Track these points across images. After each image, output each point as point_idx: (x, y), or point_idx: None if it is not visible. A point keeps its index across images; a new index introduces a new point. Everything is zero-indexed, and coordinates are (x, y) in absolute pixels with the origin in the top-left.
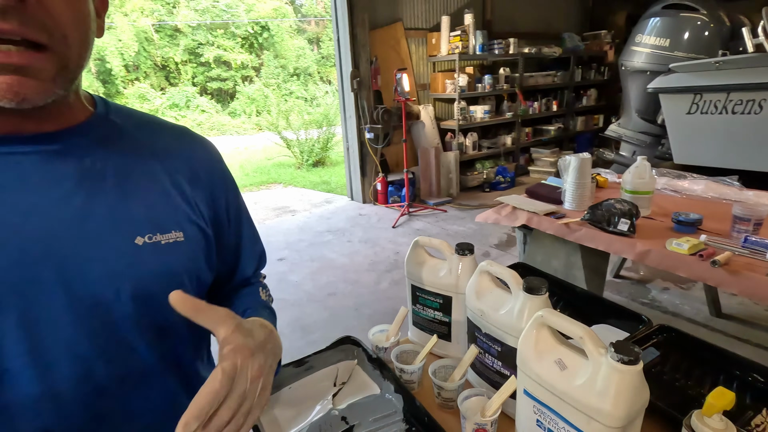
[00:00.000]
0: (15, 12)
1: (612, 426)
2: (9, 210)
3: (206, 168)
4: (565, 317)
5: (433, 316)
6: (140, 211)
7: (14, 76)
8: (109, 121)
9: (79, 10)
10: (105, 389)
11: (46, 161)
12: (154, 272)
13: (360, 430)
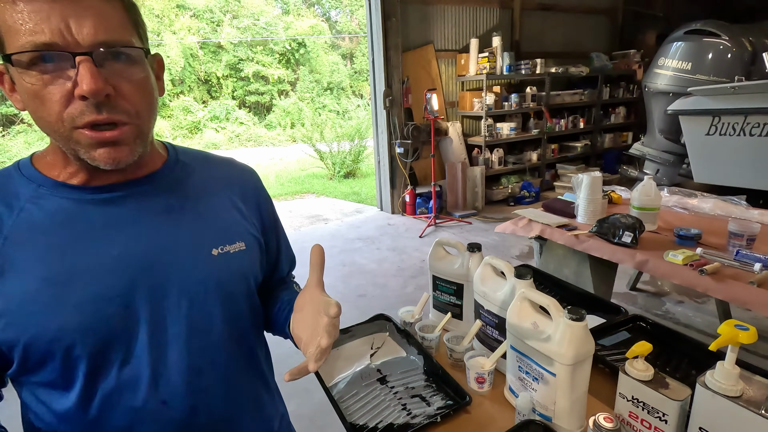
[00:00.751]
0: (105, 105)
1: (564, 363)
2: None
3: (252, 189)
4: (540, 293)
5: (449, 300)
6: (212, 229)
7: (108, 148)
8: (180, 161)
9: (146, 90)
10: (201, 372)
11: (140, 200)
12: (230, 274)
13: (391, 379)
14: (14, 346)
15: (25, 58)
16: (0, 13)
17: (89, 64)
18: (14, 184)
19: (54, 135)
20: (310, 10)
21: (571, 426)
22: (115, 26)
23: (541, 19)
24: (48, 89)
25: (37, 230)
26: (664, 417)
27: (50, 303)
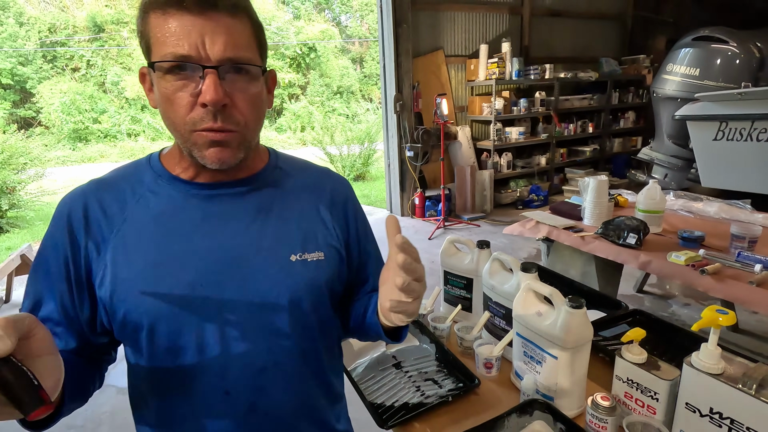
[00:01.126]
0: (221, 114)
1: (565, 347)
2: (218, 233)
3: (341, 200)
4: (543, 284)
5: (459, 293)
6: (294, 235)
7: (217, 148)
8: (278, 167)
9: (257, 104)
10: (264, 371)
11: (236, 199)
12: (302, 282)
13: (405, 364)
14: (116, 313)
15: (165, 66)
16: (152, 27)
17: (214, 77)
18: (142, 173)
19: (176, 133)
20: (321, 15)
21: (571, 405)
22: (242, 44)
23: (550, 24)
24: (177, 94)
25: (150, 216)
26: (656, 396)
27: (150, 283)
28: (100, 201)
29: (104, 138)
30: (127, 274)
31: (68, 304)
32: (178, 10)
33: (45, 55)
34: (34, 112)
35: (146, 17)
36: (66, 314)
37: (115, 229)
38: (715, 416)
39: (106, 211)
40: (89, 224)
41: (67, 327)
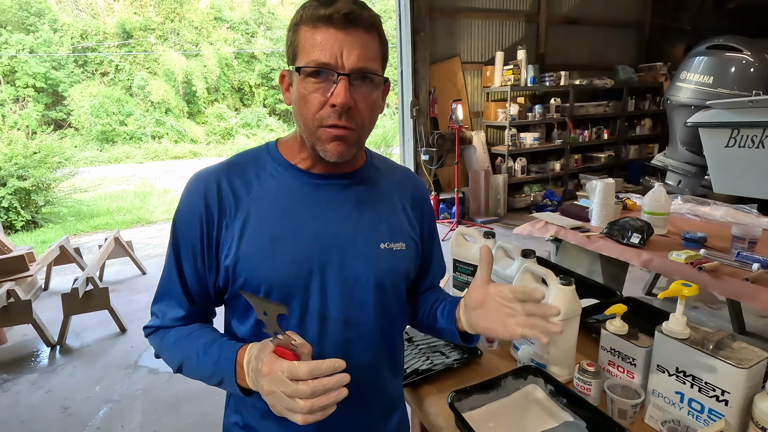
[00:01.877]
0: (345, 114)
1: (557, 320)
2: (323, 218)
3: (420, 199)
4: (539, 266)
5: (466, 279)
6: (384, 226)
7: (338, 142)
8: (373, 165)
9: (374, 109)
10: (350, 342)
11: (341, 190)
12: (387, 267)
13: (416, 340)
14: (236, 280)
15: (307, 70)
16: (301, 37)
17: (345, 83)
18: (263, 160)
19: (304, 127)
20: None
21: (562, 372)
22: (371, 57)
23: (567, 32)
24: (312, 95)
25: (271, 197)
26: (634, 362)
27: (268, 255)
28: (230, 181)
29: (130, 140)
30: (250, 246)
31: (200, 266)
32: (326, 24)
33: (76, 60)
34: (65, 114)
35: (297, 29)
36: (197, 276)
37: (242, 206)
38: (680, 374)
39: (235, 190)
40: (222, 200)
41: (198, 287)
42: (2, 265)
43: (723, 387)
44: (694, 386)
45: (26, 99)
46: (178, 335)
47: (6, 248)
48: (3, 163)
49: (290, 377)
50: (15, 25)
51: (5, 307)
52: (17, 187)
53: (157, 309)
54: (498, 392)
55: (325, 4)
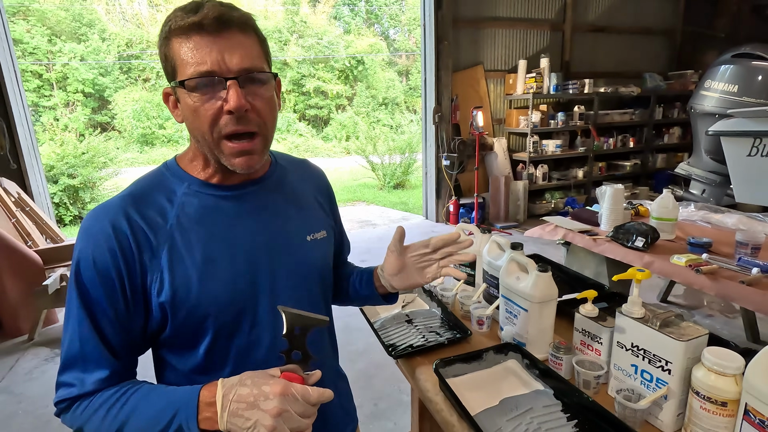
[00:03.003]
0: (243, 119)
1: (533, 302)
2: (251, 227)
3: (325, 186)
4: (522, 255)
5: (465, 270)
6: (306, 220)
7: (245, 156)
8: (279, 164)
9: (272, 106)
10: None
11: (257, 196)
12: (320, 257)
13: (415, 321)
14: (177, 314)
15: (192, 83)
16: (176, 50)
17: (236, 87)
18: (169, 182)
19: (203, 143)
20: (370, 29)
21: (539, 350)
22: (254, 56)
23: (593, 40)
24: (204, 106)
25: (192, 220)
26: (601, 340)
27: (206, 280)
28: (142, 214)
29: (167, 142)
30: (184, 274)
31: (123, 314)
32: (199, 32)
33: (121, 66)
34: (110, 117)
35: (169, 42)
36: (120, 326)
37: (161, 237)
38: (634, 349)
39: (150, 222)
40: (137, 235)
41: (121, 339)
42: (57, 252)
43: (666, 358)
44: (645, 359)
45: (76, 103)
46: (104, 399)
47: (59, 238)
48: (56, 162)
49: (304, 400)
50: (68, 34)
51: (58, 290)
52: (67, 185)
53: (72, 377)
54: (479, 363)
55: (192, 12)
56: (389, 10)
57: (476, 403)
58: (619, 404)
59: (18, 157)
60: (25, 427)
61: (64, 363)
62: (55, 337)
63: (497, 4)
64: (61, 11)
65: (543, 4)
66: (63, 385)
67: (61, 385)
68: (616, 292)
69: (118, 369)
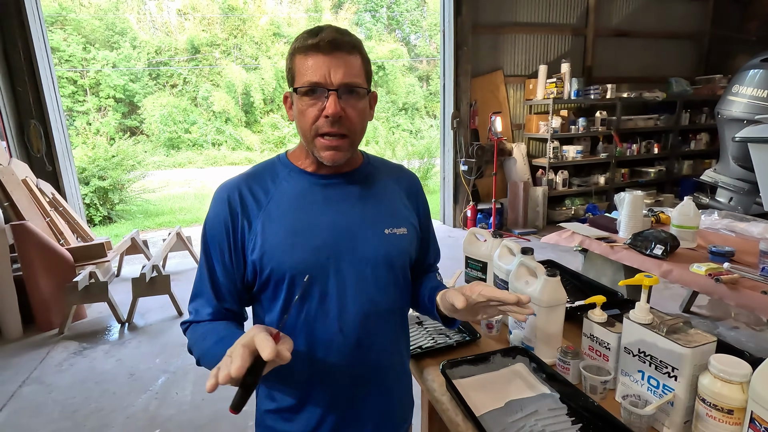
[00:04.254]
0: (337, 123)
1: (542, 306)
2: (334, 211)
3: (415, 189)
4: (531, 260)
5: (476, 274)
6: (386, 214)
7: (332, 151)
8: (371, 164)
9: (362, 116)
10: (368, 316)
11: (345, 187)
12: (394, 249)
13: (426, 324)
14: (263, 271)
15: (302, 90)
16: (297, 64)
17: (334, 97)
18: (277, 168)
19: (304, 137)
20: (391, 35)
21: (547, 354)
22: (354, 73)
23: (617, 44)
24: (309, 109)
25: (286, 197)
26: (608, 345)
27: (290, 247)
28: (250, 188)
29: (193, 146)
30: (273, 240)
31: (228, 264)
32: (315, 51)
33: (150, 73)
34: (138, 122)
35: (293, 58)
36: (227, 273)
37: (262, 208)
38: (641, 354)
39: (255, 195)
40: (245, 204)
41: (228, 284)
42: (86, 250)
43: (673, 364)
44: (651, 365)
45: (107, 108)
46: (204, 329)
47: (89, 237)
48: (87, 165)
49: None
50: (101, 43)
51: (87, 287)
52: (97, 186)
53: (192, 307)
54: (487, 366)
55: (313, 35)
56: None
57: (482, 404)
58: (625, 410)
59: (53, 159)
60: (54, 416)
61: (192, 295)
62: (83, 332)
63: (517, 9)
64: (96, 20)
65: (564, 9)
66: (188, 312)
67: (188, 311)
68: (630, 299)
69: (223, 307)
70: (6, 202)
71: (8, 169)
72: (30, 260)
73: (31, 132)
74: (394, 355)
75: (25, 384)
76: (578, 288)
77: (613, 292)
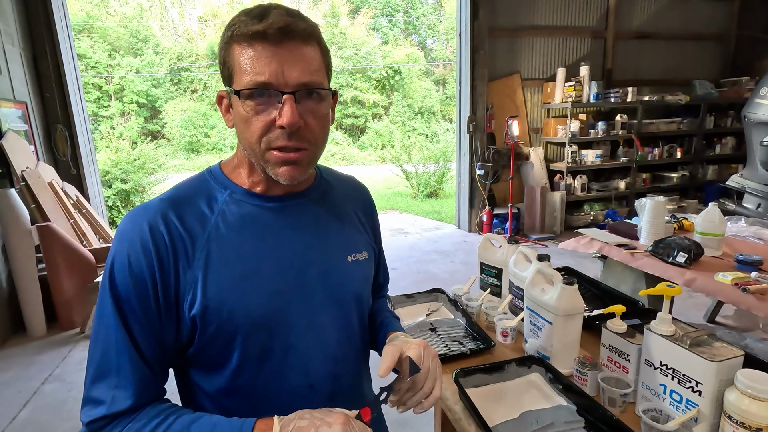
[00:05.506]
0: (294, 134)
1: (558, 315)
2: (291, 242)
3: (368, 205)
4: (549, 267)
5: (491, 281)
6: (347, 239)
7: (290, 167)
8: (324, 179)
9: (325, 124)
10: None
11: (300, 210)
12: (359, 279)
13: (439, 330)
14: (206, 328)
15: (246, 93)
16: (236, 57)
17: (291, 102)
18: (211, 189)
19: (250, 151)
20: (408, 39)
21: (564, 365)
22: (314, 70)
23: (638, 47)
24: (256, 117)
25: (231, 229)
26: (628, 357)
27: (242, 295)
28: (180, 218)
29: (211, 150)
30: (218, 288)
31: (156, 325)
32: (260, 41)
33: (172, 78)
34: (160, 126)
35: (230, 47)
36: (154, 337)
37: (200, 245)
38: (663, 367)
39: (188, 228)
40: (174, 241)
41: (155, 351)
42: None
43: (697, 378)
44: (674, 378)
45: (130, 113)
46: (141, 425)
47: (111, 238)
48: (110, 168)
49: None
50: (126, 49)
51: None
52: (120, 189)
53: (102, 392)
54: (501, 375)
55: (257, 19)
56: (427, 20)
57: (496, 414)
58: (646, 425)
59: (78, 162)
60: (74, 413)
61: (96, 374)
62: None
63: (535, 12)
64: (121, 28)
65: (584, 12)
66: (93, 401)
67: (90, 401)
68: (651, 308)
69: (151, 383)
70: (33, 204)
71: (35, 172)
72: (54, 260)
73: (57, 136)
74: (364, 388)
75: (48, 381)
76: (597, 296)
77: (633, 301)
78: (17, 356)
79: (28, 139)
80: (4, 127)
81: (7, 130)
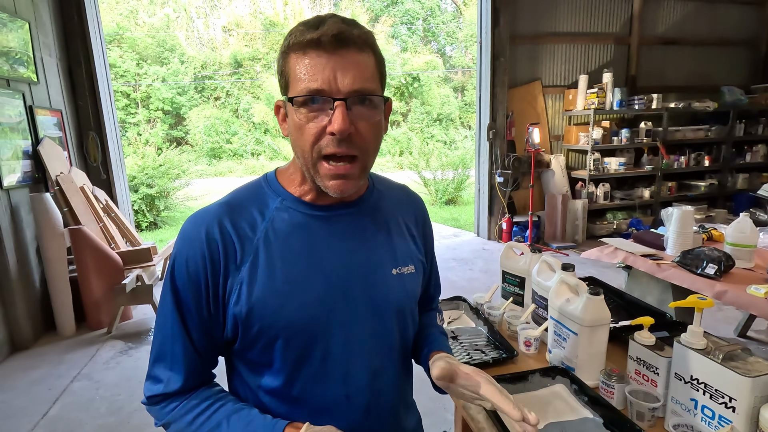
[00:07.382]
0: (345, 141)
1: (584, 326)
2: (338, 252)
3: (421, 216)
4: (573, 277)
5: (514, 290)
6: (394, 251)
7: (340, 180)
8: (376, 188)
9: (377, 132)
10: (377, 375)
11: (349, 220)
12: (403, 293)
13: (461, 338)
14: (250, 329)
15: (300, 100)
16: (292, 66)
17: (342, 108)
18: (264, 195)
19: (303, 159)
20: (427, 47)
21: (590, 376)
22: (367, 77)
23: (663, 53)
24: (309, 124)
25: (280, 236)
26: (657, 370)
27: (285, 300)
28: (233, 222)
29: (233, 156)
30: (262, 291)
31: (206, 318)
32: (316, 49)
33: (196, 86)
34: (184, 133)
35: (287, 58)
36: (204, 330)
37: (248, 249)
38: (694, 382)
39: (240, 232)
40: (226, 244)
41: (206, 342)
42: (134, 254)
43: (731, 394)
44: (706, 393)
45: (156, 120)
46: (191, 406)
47: (137, 242)
48: (137, 173)
49: None
50: (153, 58)
51: (134, 289)
52: (145, 194)
53: (160, 372)
54: (524, 385)
55: (312, 27)
56: (446, 27)
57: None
58: None
59: (107, 168)
60: (101, 411)
61: (156, 356)
62: (129, 332)
63: (557, 19)
64: (149, 38)
65: (607, 18)
66: (153, 378)
67: (151, 377)
68: (680, 321)
69: (200, 369)
70: (65, 207)
71: (68, 177)
72: (84, 262)
73: (89, 143)
74: (402, 405)
75: (76, 379)
76: (622, 307)
77: (660, 313)
78: (48, 354)
79: (62, 145)
80: (41, 134)
81: (44, 137)
